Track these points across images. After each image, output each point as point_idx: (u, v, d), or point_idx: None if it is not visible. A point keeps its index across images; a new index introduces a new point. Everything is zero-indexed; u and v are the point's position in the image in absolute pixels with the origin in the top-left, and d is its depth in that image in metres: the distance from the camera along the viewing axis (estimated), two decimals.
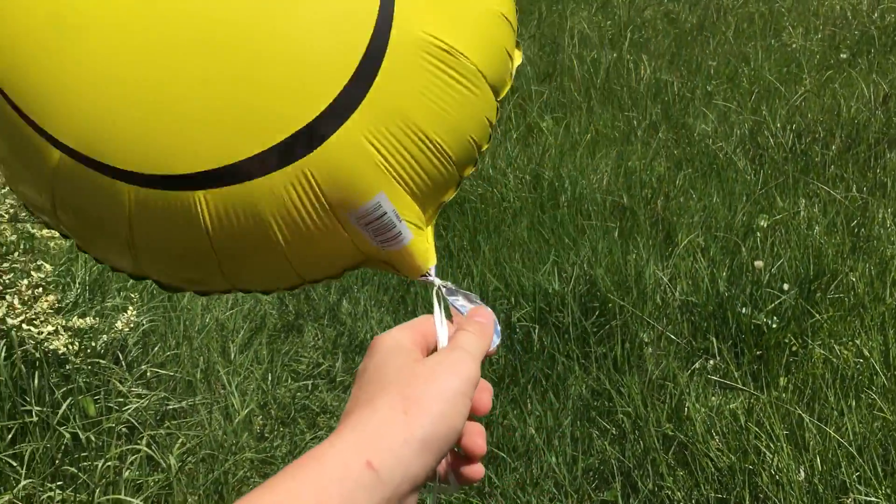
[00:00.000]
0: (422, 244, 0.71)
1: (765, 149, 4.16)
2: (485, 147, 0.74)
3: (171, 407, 2.59)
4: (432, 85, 0.65)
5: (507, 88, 0.76)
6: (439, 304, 0.68)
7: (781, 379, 2.67)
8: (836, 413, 2.44)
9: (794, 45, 5.57)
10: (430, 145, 0.66)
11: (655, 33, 5.96)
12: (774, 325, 2.80)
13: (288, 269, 0.68)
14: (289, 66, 0.60)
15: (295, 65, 0.60)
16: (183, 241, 0.64)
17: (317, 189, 0.62)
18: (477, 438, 0.61)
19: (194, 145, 0.59)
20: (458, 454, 0.63)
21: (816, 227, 3.36)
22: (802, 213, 3.50)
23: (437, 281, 0.71)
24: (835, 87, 4.82)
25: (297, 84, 0.60)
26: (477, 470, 0.62)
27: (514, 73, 0.77)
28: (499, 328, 0.68)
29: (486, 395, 0.62)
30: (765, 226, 3.38)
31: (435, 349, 0.63)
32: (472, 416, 0.61)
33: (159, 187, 0.61)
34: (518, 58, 0.78)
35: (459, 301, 0.70)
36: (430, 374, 0.54)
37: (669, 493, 2.28)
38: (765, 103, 4.66)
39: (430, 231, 0.73)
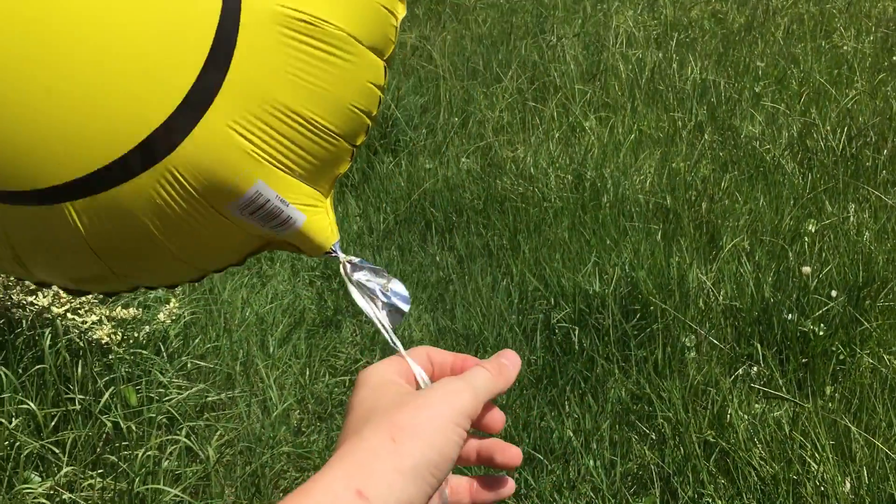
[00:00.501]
0: (320, 222, 0.68)
1: (814, 152, 4.08)
2: (375, 112, 0.69)
3: (210, 399, 2.61)
4: (296, 60, 0.61)
5: (394, 45, 0.71)
6: (351, 284, 0.66)
7: (828, 388, 2.61)
8: (884, 424, 2.37)
9: (845, 47, 5.45)
10: (305, 123, 0.62)
11: (702, 33, 5.87)
12: (821, 333, 2.74)
13: (180, 265, 0.66)
14: (134, 65, 0.56)
15: (140, 63, 0.57)
16: (66, 250, 0.62)
17: (187, 186, 0.60)
18: (507, 451, 0.60)
19: (54, 157, 0.57)
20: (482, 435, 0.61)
21: (866, 233, 3.27)
22: (852, 218, 3.42)
23: (342, 256, 0.68)
24: (887, 90, 4.70)
25: (146, 83, 0.57)
26: (513, 454, 0.61)
27: (398, 26, 0.72)
28: (407, 296, 0.66)
29: (496, 413, 0.61)
30: (813, 231, 3.31)
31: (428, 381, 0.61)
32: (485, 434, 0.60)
33: (29, 202, 0.59)
34: (402, 10, 0.72)
35: (366, 276, 0.67)
36: (421, 403, 0.53)
37: (710, 500, 2.24)
38: (814, 105, 4.56)
39: (328, 205, 0.69)
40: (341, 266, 0.68)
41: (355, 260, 0.68)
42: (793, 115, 4.47)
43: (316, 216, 0.67)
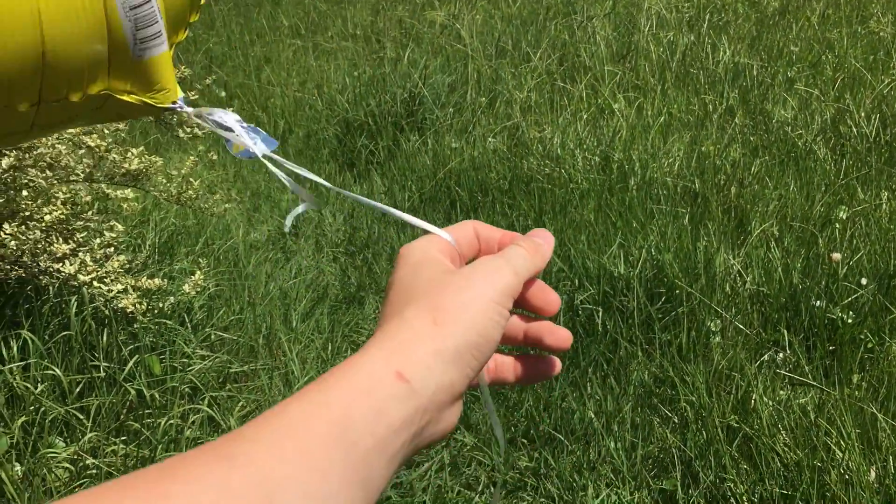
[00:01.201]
0: (169, 62, 0.66)
1: (847, 138, 4.00)
2: None
3: (233, 370, 2.63)
4: None
5: None
6: (215, 128, 0.64)
7: (855, 376, 2.57)
8: None
9: (882, 33, 5.33)
10: None
11: (736, 16, 5.78)
12: (850, 320, 2.70)
13: (38, 49, 0.63)
14: None
15: None
16: None
17: None
18: (544, 295, 0.57)
19: None
20: (532, 317, 0.60)
21: None
22: (885, 205, 3.35)
23: (190, 110, 0.66)
24: None
25: None
26: (563, 334, 0.59)
27: None
28: (266, 136, 0.64)
29: (550, 296, 0.58)
30: (844, 217, 3.26)
31: (470, 260, 0.59)
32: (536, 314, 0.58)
33: None
34: None
35: (217, 115, 0.65)
36: (462, 283, 0.51)
37: (732, 486, 2.22)
38: (849, 91, 4.48)
39: (170, 56, 0.68)
40: (189, 117, 0.66)
41: (204, 110, 0.66)
42: (826, 101, 4.39)
43: (168, 56, 0.66)
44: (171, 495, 0.35)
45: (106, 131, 2.36)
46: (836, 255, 2.91)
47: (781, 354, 2.67)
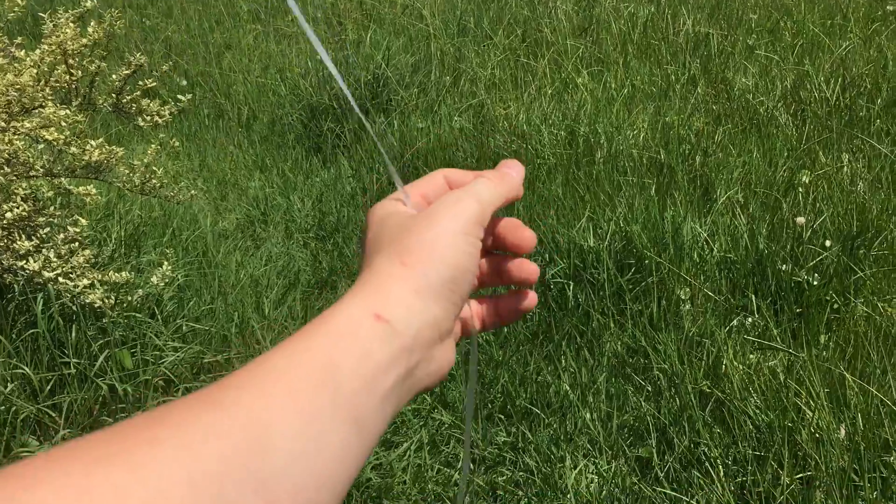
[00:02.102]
0: None
1: (807, 103, 4.05)
2: None
3: (206, 361, 2.61)
4: None
5: None
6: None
7: (822, 336, 2.61)
8: (878, 371, 2.38)
9: None
10: None
11: None
12: (815, 283, 2.74)
13: None
14: None
15: None
16: None
17: None
18: (518, 232, 0.57)
19: None
20: (506, 255, 0.59)
21: (860, 183, 3.26)
22: (846, 168, 3.40)
23: None
24: (881, 40, 4.66)
25: None
26: (530, 267, 0.58)
27: None
28: None
29: (525, 233, 0.57)
30: (807, 181, 3.30)
31: None
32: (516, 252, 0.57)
33: None
34: None
35: None
36: (425, 223, 0.51)
37: (706, 450, 2.26)
38: (808, 56, 4.52)
39: None
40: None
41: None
42: (786, 67, 4.43)
43: None
44: (160, 440, 0.35)
45: (64, 124, 2.32)
46: (801, 219, 2.95)
47: (750, 319, 2.71)
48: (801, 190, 3.24)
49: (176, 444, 0.35)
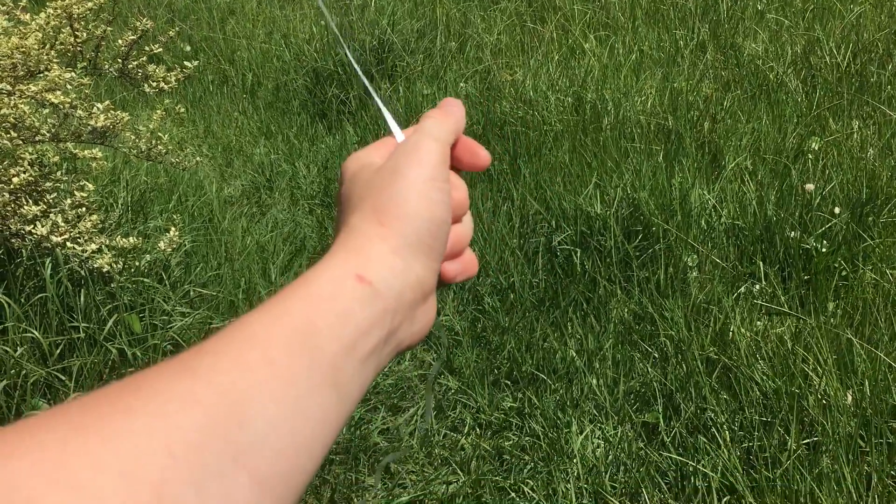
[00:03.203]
0: None
1: (818, 69, 4.01)
2: None
3: (214, 326, 2.62)
4: None
5: None
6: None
7: (830, 304, 2.61)
8: (886, 338, 2.38)
9: None
10: None
11: None
12: (824, 249, 2.73)
13: None
14: None
15: None
16: None
17: None
18: (475, 151, 0.56)
19: None
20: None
21: (870, 150, 3.24)
22: (856, 134, 3.38)
23: None
24: (893, 5, 4.59)
25: None
26: (482, 152, 0.57)
27: None
28: None
29: (481, 152, 0.57)
30: (816, 148, 3.27)
31: None
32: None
33: None
34: None
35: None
36: (390, 176, 0.50)
37: (712, 415, 2.27)
38: (819, 22, 4.47)
39: None
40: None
41: None
42: (796, 32, 4.38)
43: None
44: (134, 409, 0.34)
45: (69, 87, 2.30)
46: (809, 186, 2.94)
47: (758, 286, 2.71)
48: (810, 157, 3.22)
49: (152, 412, 0.34)
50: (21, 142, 2.33)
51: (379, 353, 0.45)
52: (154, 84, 2.65)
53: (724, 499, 2.06)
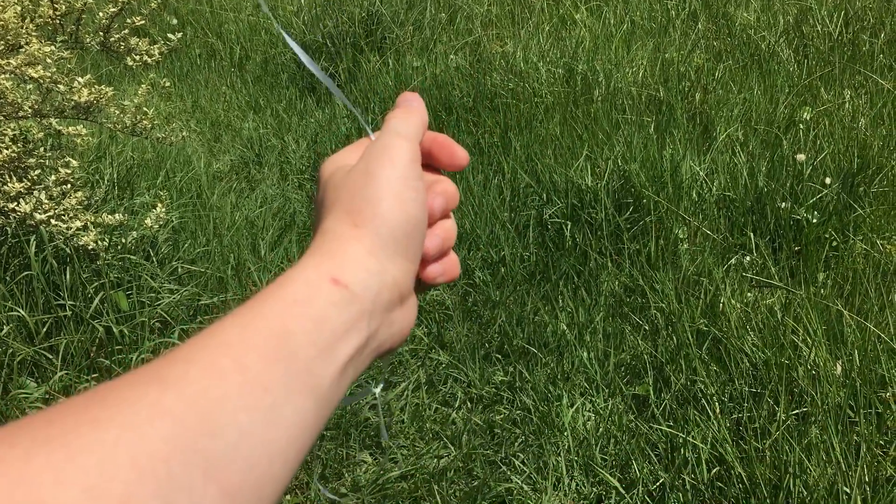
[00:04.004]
0: None
1: (810, 38, 3.97)
2: None
3: (202, 302, 2.61)
4: None
5: None
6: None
7: (820, 275, 2.61)
8: (875, 308, 2.38)
9: None
10: None
11: None
12: (815, 220, 2.72)
13: None
14: None
15: None
16: None
17: None
18: (452, 151, 0.55)
19: None
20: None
21: (862, 119, 3.22)
22: (847, 104, 3.36)
23: None
24: None
25: None
26: (461, 153, 0.55)
27: None
28: None
29: (458, 152, 0.55)
30: (808, 118, 3.26)
31: None
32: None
33: None
34: None
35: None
36: (362, 178, 0.49)
37: (703, 387, 2.27)
38: None
39: None
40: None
41: None
42: (789, 1, 4.34)
43: None
44: (100, 420, 0.33)
45: (49, 60, 2.26)
46: (801, 156, 2.92)
47: (748, 257, 2.70)
48: (801, 127, 3.20)
49: (119, 424, 0.33)
50: (3, 117, 2.30)
51: (357, 358, 0.44)
52: (137, 57, 2.61)
53: (714, 469, 2.06)
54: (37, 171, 2.41)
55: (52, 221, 2.26)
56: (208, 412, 0.36)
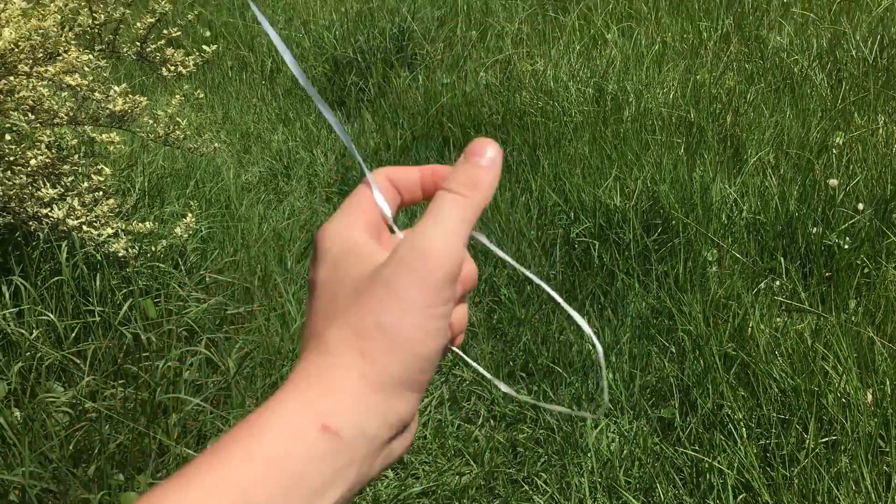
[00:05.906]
0: None
1: (843, 63, 3.94)
2: None
3: (229, 312, 2.62)
4: None
5: None
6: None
7: (851, 301, 2.57)
8: None
9: None
10: None
11: None
12: (846, 246, 2.69)
13: None
14: None
15: None
16: None
17: None
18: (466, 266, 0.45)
19: None
20: None
21: None
22: (881, 130, 3.32)
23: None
24: None
25: None
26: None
27: None
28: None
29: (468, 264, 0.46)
30: (840, 143, 3.22)
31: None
32: None
33: None
34: None
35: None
36: (384, 293, 0.40)
37: (730, 412, 2.24)
38: (845, 15, 4.40)
39: None
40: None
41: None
42: (822, 25, 4.31)
43: None
44: None
45: (87, 69, 2.30)
46: (833, 181, 2.89)
47: (778, 282, 2.67)
48: (834, 151, 3.17)
49: None
50: (39, 124, 2.33)
51: (343, 498, 0.39)
52: (172, 68, 2.64)
53: (740, 496, 2.03)
54: (70, 178, 2.44)
55: (84, 227, 2.29)
56: None
